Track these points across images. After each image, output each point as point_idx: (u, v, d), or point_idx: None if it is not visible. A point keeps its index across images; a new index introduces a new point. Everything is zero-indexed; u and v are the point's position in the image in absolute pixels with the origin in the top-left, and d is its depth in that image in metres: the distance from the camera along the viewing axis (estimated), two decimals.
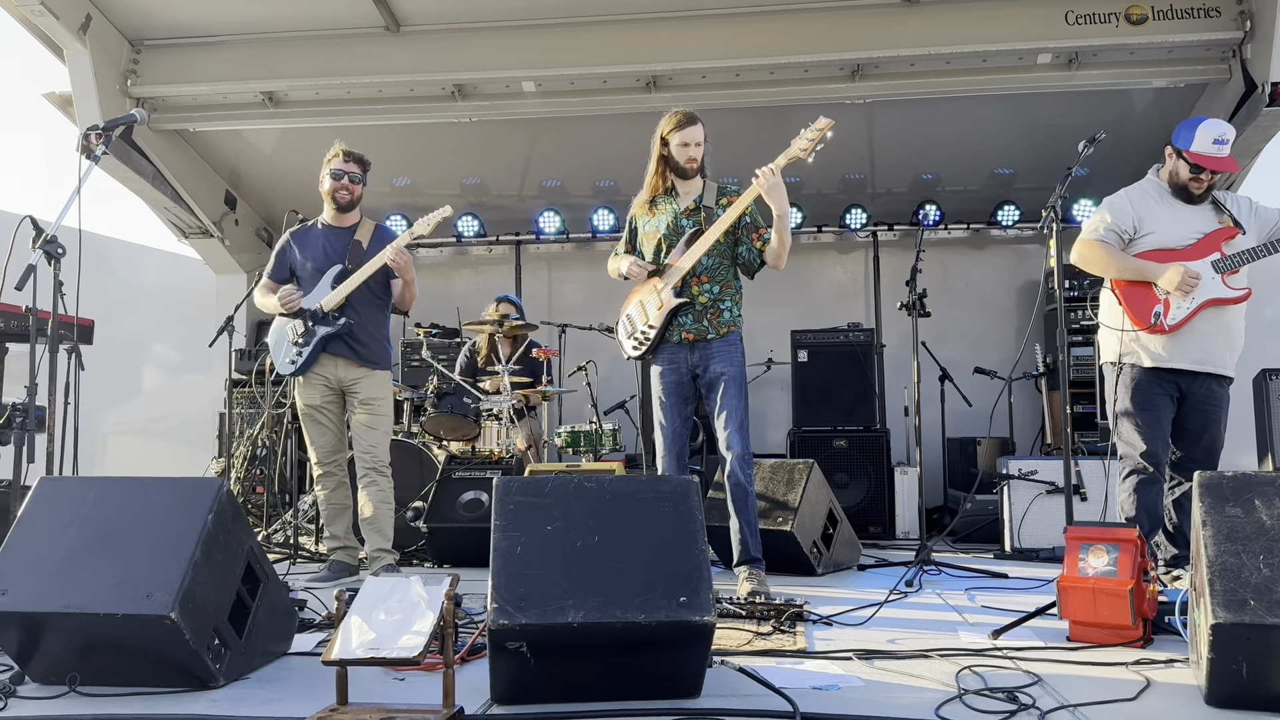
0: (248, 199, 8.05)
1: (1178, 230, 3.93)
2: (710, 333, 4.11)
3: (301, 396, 4.60)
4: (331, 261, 4.57)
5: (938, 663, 2.84)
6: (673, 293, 4.09)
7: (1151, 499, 3.90)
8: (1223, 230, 3.92)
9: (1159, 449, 3.91)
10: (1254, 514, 2.40)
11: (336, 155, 4.63)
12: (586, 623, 2.31)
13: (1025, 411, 7.64)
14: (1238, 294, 3.88)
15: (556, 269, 8.84)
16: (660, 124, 4.21)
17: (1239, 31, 5.72)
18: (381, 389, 4.62)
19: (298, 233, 4.75)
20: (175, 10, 6.40)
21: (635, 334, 4.19)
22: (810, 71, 6.28)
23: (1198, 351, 3.88)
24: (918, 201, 7.87)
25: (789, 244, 4.06)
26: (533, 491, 2.54)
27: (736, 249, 4.21)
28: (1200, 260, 3.87)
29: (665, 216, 4.20)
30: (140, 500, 2.73)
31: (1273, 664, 2.27)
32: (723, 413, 4.08)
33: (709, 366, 4.11)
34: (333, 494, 4.63)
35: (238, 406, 7.17)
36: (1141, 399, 3.91)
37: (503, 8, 6.28)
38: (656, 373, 4.21)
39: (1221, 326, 3.90)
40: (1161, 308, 3.85)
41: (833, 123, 3.93)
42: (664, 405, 4.20)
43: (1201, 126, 3.89)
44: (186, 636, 2.46)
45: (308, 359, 4.50)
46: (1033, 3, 5.95)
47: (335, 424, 4.62)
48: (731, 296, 4.20)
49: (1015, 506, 5.44)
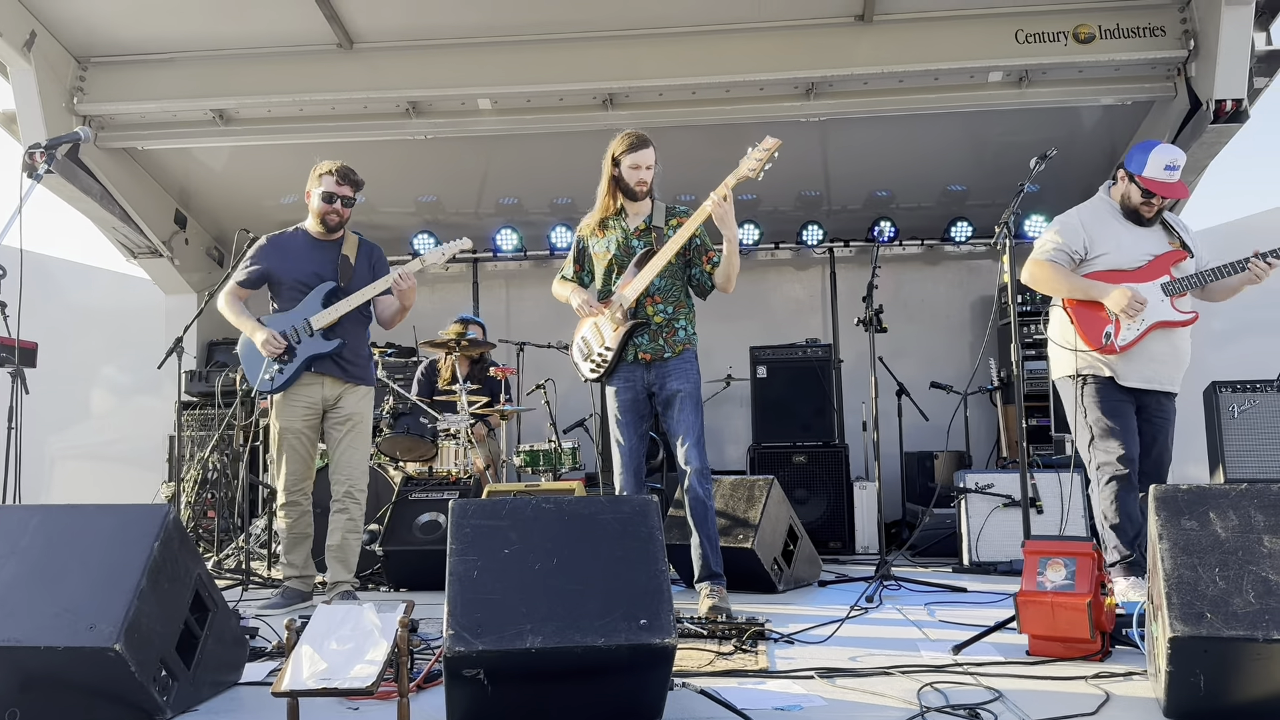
0: (198, 218, 7.92)
1: (1129, 251, 4.00)
2: (666, 351, 4.14)
3: (280, 417, 4.40)
4: (321, 277, 4.41)
5: (899, 680, 2.83)
6: (628, 314, 4.10)
7: (1133, 503, 3.95)
8: (1173, 253, 4.00)
9: (1134, 453, 3.97)
10: (1209, 527, 2.42)
11: (329, 173, 4.42)
12: (545, 648, 2.26)
13: (981, 425, 7.72)
14: (1186, 317, 3.97)
15: (514, 287, 8.79)
16: (611, 145, 4.20)
17: (1183, 50, 5.84)
18: (364, 405, 4.49)
19: (277, 240, 4.54)
20: (123, 27, 6.30)
21: (592, 356, 4.20)
22: (766, 90, 6.31)
23: (1147, 371, 3.97)
24: (873, 218, 7.95)
25: (737, 269, 4.10)
26: (489, 514, 2.50)
27: (689, 270, 4.24)
28: (1150, 283, 3.94)
29: (615, 235, 4.21)
30: (84, 528, 2.64)
31: (1230, 676, 2.28)
32: (680, 429, 4.10)
33: (665, 384, 4.13)
34: (295, 523, 4.44)
35: (188, 429, 7.03)
36: (1110, 407, 3.98)
37: (457, 25, 6.25)
38: (611, 392, 4.21)
39: (1170, 347, 3.98)
40: (1112, 328, 3.92)
41: (780, 142, 3.97)
42: (620, 423, 4.20)
43: (1154, 152, 3.95)
44: (132, 669, 2.38)
45: (291, 376, 4.32)
46: (983, 22, 6.03)
47: (309, 451, 4.45)
48: (685, 315, 4.22)
49: (973, 520, 5.48)
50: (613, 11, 6.12)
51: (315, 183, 4.45)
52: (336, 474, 4.43)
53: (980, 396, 7.43)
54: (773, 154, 4.00)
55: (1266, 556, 2.34)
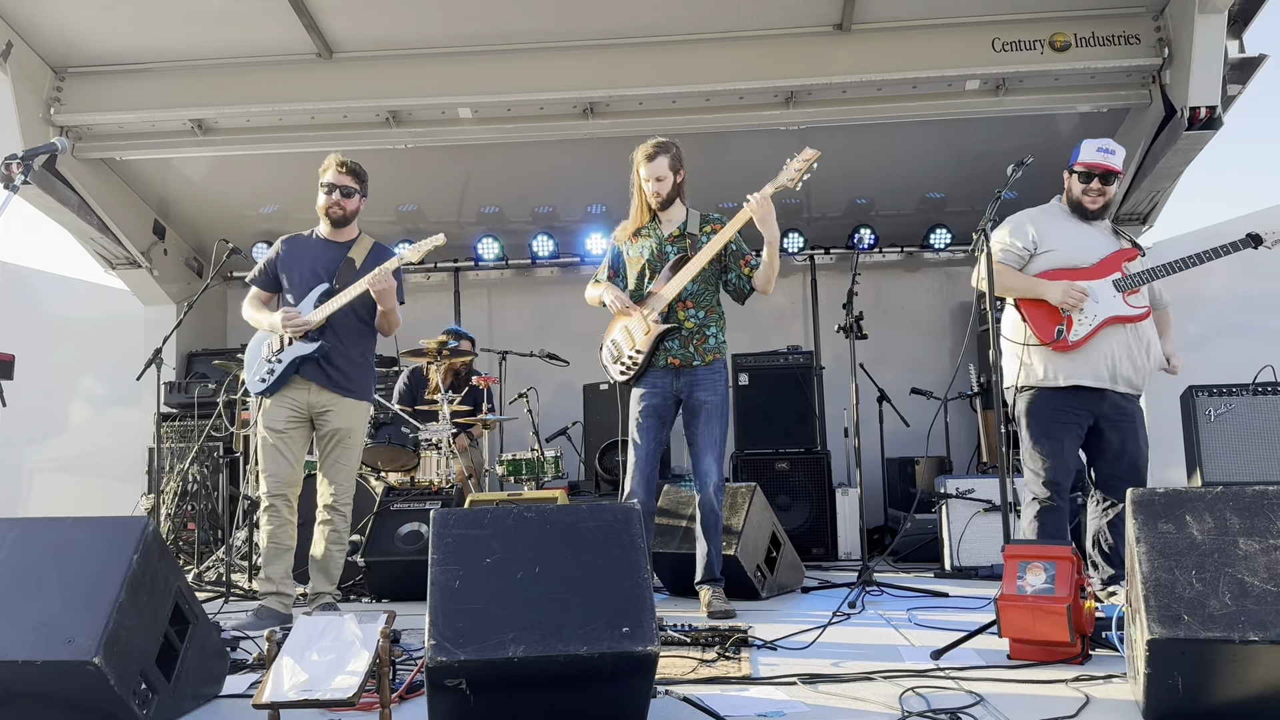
0: (177, 228, 7.88)
1: (1079, 248, 4.04)
2: (696, 359, 4.21)
3: (265, 418, 4.29)
4: (320, 278, 4.31)
5: (881, 685, 2.84)
6: (660, 318, 4.14)
7: (1054, 527, 3.93)
8: (1125, 250, 4.06)
9: (1060, 476, 3.95)
10: (1186, 530, 2.44)
11: (329, 168, 4.36)
12: (527, 657, 2.26)
13: (961, 431, 7.75)
14: (1138, 312, 4.00)
15: (496, 296, 8.79)
16: (635, 157, 4.31)
17: (1158, 58, 5.90)
18: (355, 419, 4.36)
19: (291, 241, 4.47)
20: (101, 37, 6.27)
21: (622, 359, 4.26)
22: (745, 98, 6.34)
23: (1100, 368, 3.96)
24: (852, 226, 8.00)
25: (777, 270, 4.22)
26: (471, 523, 2.50)
27: (724, 276, 4.32)
28: (1102, 279, 3.99)
29: (649, 242, 4.30)
30: (62, 541, 2.62)
31: (1207, 677, 2.30)
32: (703, 441, 4.21)
33: (693, 393, 4.22)
34: (277, 531, 4.28)
35: (167, 441, 6.98)
36: (1042, 427, 3.97)
37: (437, 34, 6.25)
38: (636, 395, 4.29)
39: (1124, 344, 3.99)
40: (1065, 325, 3.95)
41: (819, 154, 4.08)
42: (640, 427, 4.26)
43: (1085, 142, 4.11)
44: (111, 682, 2.36)
45: (279, 379, 4.23)
46: (961, 31, 6.08)
47: (295, 454, 4.30)
48: (716, 322, 4.30)
49: (954, 525, 5.51)
50: (593, 21, 6.14)
51: (320, 177, 4.39)
52: (322, 486, 4.36)
53: (960, 402, 7.46)
54: (811, 164, 4.12)
55: (1242, 559, 2.37)
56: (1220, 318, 7.17)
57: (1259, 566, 2.34)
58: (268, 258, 4.47)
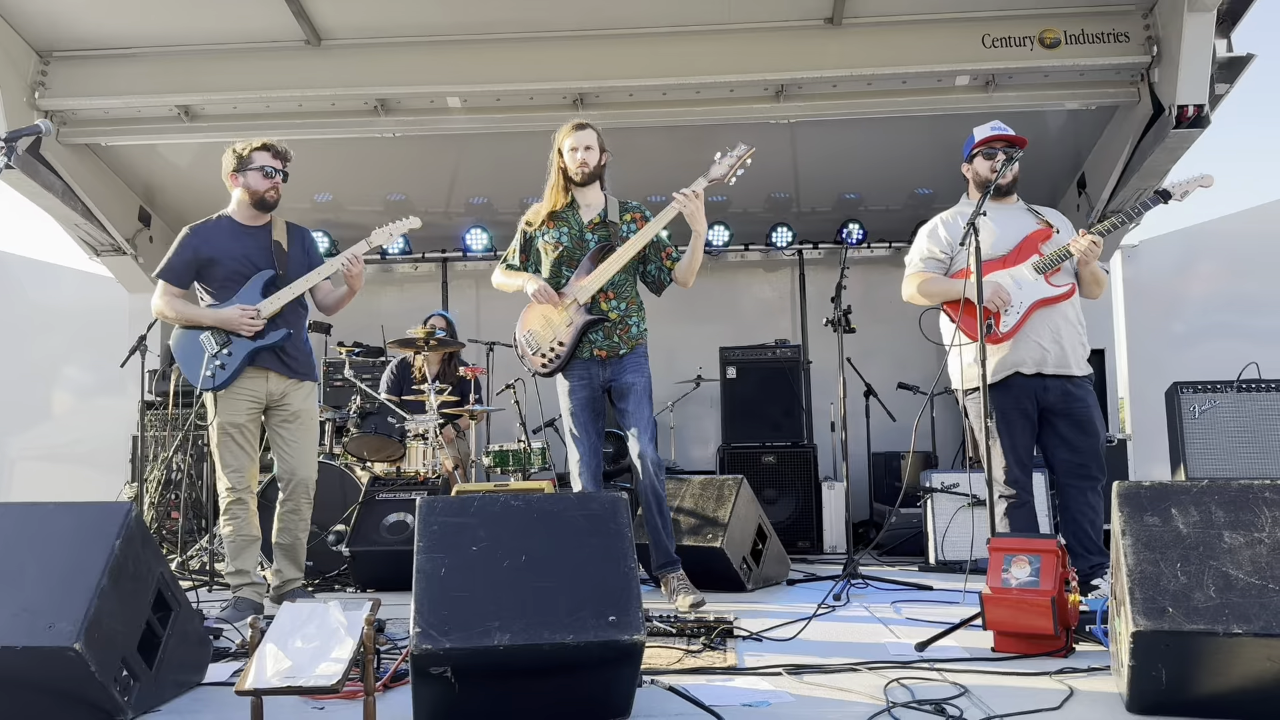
0: (163, 215, 7.81)
1: (996, 238, 4.06)
2: (622, 348, 4.21)
3: (222, 413, 4.19)
4: (255, 265, 4.22)
5: (866, 676, 2.85)
6: (584, 309, 4.11)
7: (1023, 522, 3.99)
8: (1038, 232, 4.11)
9: (1018, 472, 4.01)
10: (1171, 523, 2.45)
11: (261, 149, 4.24)
12: (513, 645, 2.25)
13: (947, 426, 7.78)
14: (1062, 290, 4.04)
15: (485, 287, 8.71)
16: (556, 136, 4.26)
17: (1146, 56, 5.91)
18: (309, 401, 4.33)
19: (201, 230, 4.28)
20: (87, 21, 6.20)
21: (543, 351, 4.21)
22: (736, 91, 6.33)
23: (1036, 352, 4.01)
24: (841, 220, 8.00)
25: (699, 263, 4.20)
26: (457, 511, 2.48)
27: (644, 267, 4.29)
28: (1021, 265, 4.04)
29: (567, 228, 4.22)
30: (44, 527, 2.60)
31: (1191, 670, 2.32)
32: (635, 421, 4.17)
33: (621, 377, 4.20)
34: (242, 525, 4.22)
35: (151, 429, 6.94)
36: (993, 424, 3.98)
37: (427, 22, 6.21)
38: (566, 389, 4.24)
39: (1053, 325, 4.02)
40: (993, 319, 3.98)
41: (753, 149, 4.02)
42: (578, 421, 4.24)
43: (976, 128, 4.24)
44: (92, 668, 2.34)
45: (234, 372, 4.14)
46: (951, 26, 6.08)
47: (253, 445, 4.26)
48: (637, 312, 4.29)
49: (939, 519, 5.53)
50: (583, 11, 6.11)
51: (244, 162, 4.24)
52: (282, 473, 4.29)
53: (947, 397, 7.46)
54: (745, 160, 4.05)
55: (1227, 552, 2.38)
56: (1205, 316, 7.22)
57: (1243, 560, 2.36)
58: (177, 250, 4.27)
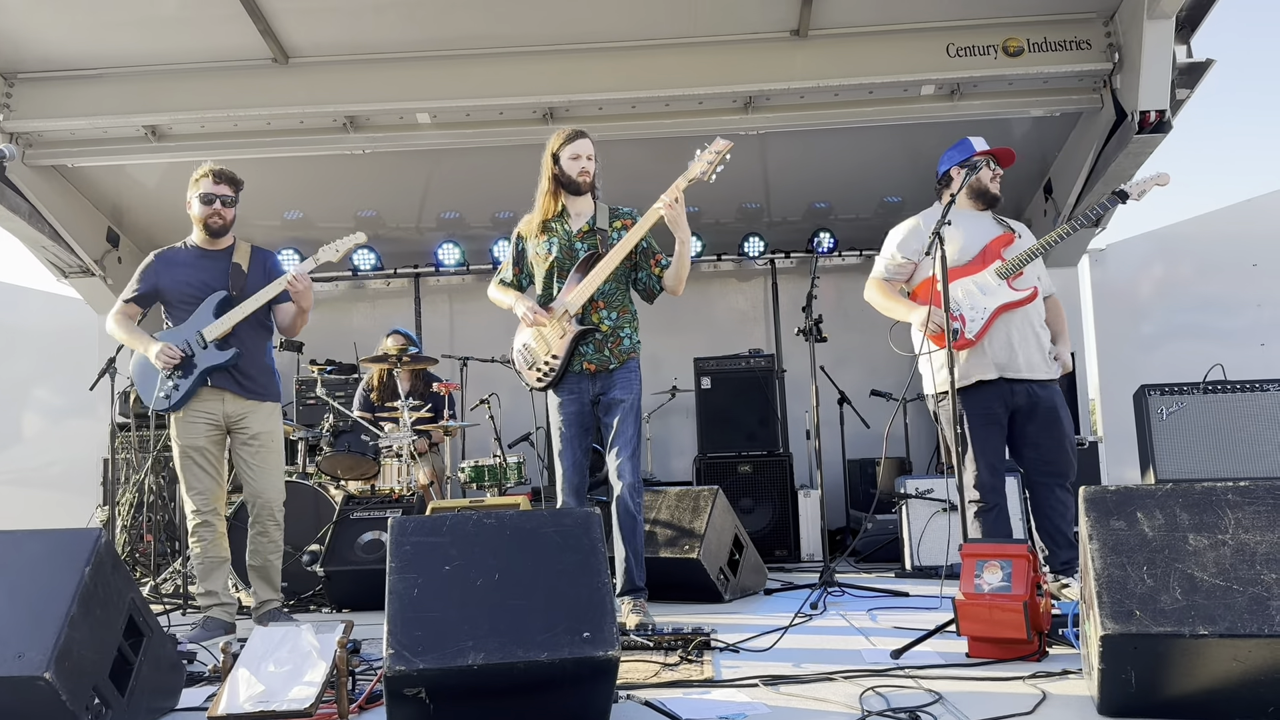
0: (131, 236, 7.76)
1: (962, 246, 4.14)
2: (612, 362, 4.09)
3: (181, 435, 4.23)
4: (211, 288, 4.27)
5: (842, 685, 2.86)
6: (575, 320, 4.05)
7: (995, 527, 4.04)
8: (1000, 237, 4.19)
9: (989, 476, 4.05)
10: (1137, 526, 2.48)
11: (205, 176, 4.30)
12: (487, 664, 2.25)
13: (920, 431, 7.83)
14: (1024, 294, 4.11)
15: (457, 301, 8.75)
16: (549, 142, 4.18)
17: (1108, 63, 6.00)
18: (270, 423, 4.33)
19: (165, 255, 4.39)
20: (51, 42, 6.15)
21: (538, 365, 4.12)
22: (705, 103, 6.36)
23: (1001, 357, 4.07)
24: (812, 229, 8.06)
25: (688, 270, 4.10)
26: (429, 531, 2.48)
27: (635, 274, 4.20)
28: (983, 271, 4.11)
29: (557, 239, 4.13)
30: (11, 554, 2.57)
31: (1160, 672, 2.34)
32: (617, 440, 4.05)
33: (609, 392, 4.09)
34: (210, 547, 4.24)
35: (122, 451, 6.87)
36: (962, 431, 4.03)
37: (395, 39, 6.21)
38: (556, 403, 4.14)
39: (1019, 329, 4.10)
40: (959, 324, 4.03)
41: (731, 144, 3.98)
42: (564, 436, 4.12)
43: (966, 139, 4.30)
44: (63, 698, 2.32)
45: (187, 392, 4.17)
46: (916, 36, 6.14)
47: (216, 467, 4.27)
48: (630, 323, 4.18)
49: (914, 525, 5.56)
50: (551, 26, 6.12)
51: (193, 188, 4.32)
52: (252, 495, 4.29)
53: (919, 403, 7.52)
54: (724, 156, 3.97)
55: (1192, 554, 2.41)
56: (1172, 318, 7.31)
57: (1208, 562, 2.39)
58: (140, 274, 4.37)
